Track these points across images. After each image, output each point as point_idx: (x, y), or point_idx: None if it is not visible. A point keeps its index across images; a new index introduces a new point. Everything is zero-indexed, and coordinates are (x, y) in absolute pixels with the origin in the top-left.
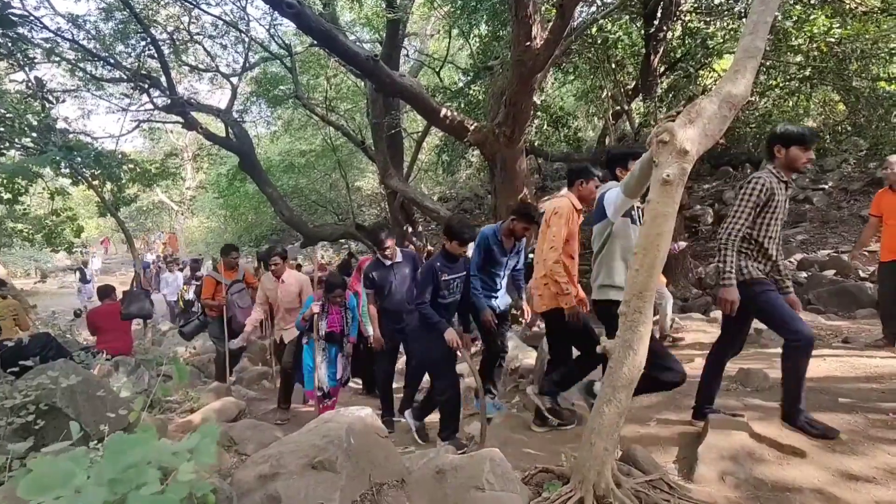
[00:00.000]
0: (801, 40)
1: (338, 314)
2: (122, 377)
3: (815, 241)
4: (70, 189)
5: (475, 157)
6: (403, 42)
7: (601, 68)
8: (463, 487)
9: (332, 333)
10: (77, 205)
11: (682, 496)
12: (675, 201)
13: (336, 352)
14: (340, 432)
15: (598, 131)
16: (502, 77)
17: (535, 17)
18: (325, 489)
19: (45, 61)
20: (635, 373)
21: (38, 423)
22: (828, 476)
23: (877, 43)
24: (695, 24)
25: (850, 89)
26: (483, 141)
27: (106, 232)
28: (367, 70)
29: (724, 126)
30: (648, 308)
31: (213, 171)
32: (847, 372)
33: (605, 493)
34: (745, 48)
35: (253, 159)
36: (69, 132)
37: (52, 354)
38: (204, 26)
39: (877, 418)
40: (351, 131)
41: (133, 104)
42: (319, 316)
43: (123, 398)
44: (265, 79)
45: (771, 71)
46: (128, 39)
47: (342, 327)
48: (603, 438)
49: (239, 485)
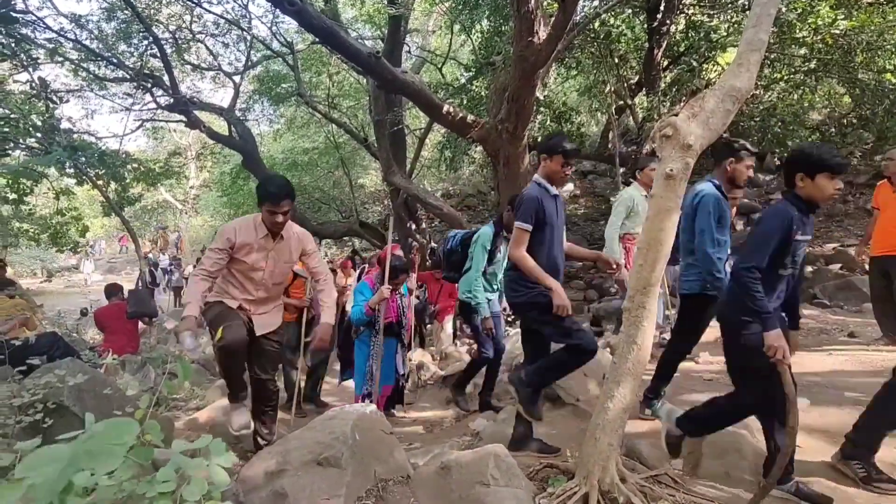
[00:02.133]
0: (805, 32)
1: (394, 302)
2: (128, 375)
3: (820, 235)
4: (75, 189)
5: (478, 153)
6: (405, 38)
7: (604, 63)
8: (468, 483)
9: (391, 325)
10: (82, 204)
11: (687, 491)
12: (678, 196)
13: (396, 345)
14: (346, 429)
15: (602, 126)
16: (505, 73)
17: (538, 13)
18: (331, 485)
19: (49, 62)
20: (639, 368)
21: (46, 422)
22: (832, 470)
23: (883, 35)
24: (698, 18)
25: (855, 82)
26: (486, 137)
27: (111, 231)
28: (369, 67)
29: (727, 120)
30: (652, 303)
31: (216, 169)
32: (853, 366)
33: (610, 488)
34: (748, 41)
35: (256, 157)
36: (73, 132)
37: (59, 353)
38: (206, 25)
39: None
40: (353, 129)
41: (136, 104)
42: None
43: (130, 396)
44: (267, 77)
45: (775, 64)
46: (130, 39)
47: (399, 316)
48: (607, 434)
49: (245, 481)
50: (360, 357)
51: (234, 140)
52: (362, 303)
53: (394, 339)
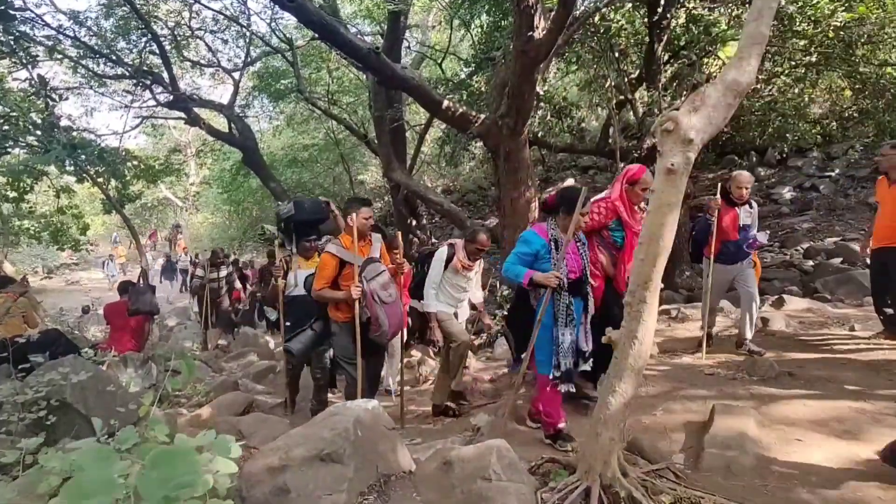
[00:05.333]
0: (805, 25)
1: (575, 252)
2: (131, 372)
3: (821, 229)
4: (75, 186)
5: (478, 148)
6: (405, 34)
7: (604, 58)
8: (470, 478)
9: (577, 282)
10: (82, 202)
11: (689, 485)
12: (679, 191)
13: (581, 308)
14: (348, 424)
15: (602, 121)
16: (505, 68)
17: (538, 7)
18: (334, 481)
19: (48, 59)
20: (641, 363)
21: (49, 419)
22: (833, 462)
23: (884, 27)
24: (698, 12)
25: (856, 75)
26: (486, 133)
27: (112, 229)
28: (369, 63)
29: (728, 114)
30: (654, 298)
31: (216, 166)
32: (853, 359)
33: (612, 483)
34: (749, 34)
35: (256, 154)
36: (73, 130)
37: (61, 351)
38: (205, 21)
39: (883, 405)
40: (353, 125)
41: (136, 101)
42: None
43: (133, 393)
44: (267, 73)
45: (776, 57)
46: (129, 36)
47: (583, 270)
48: (609, 429)
49: (248, 477)
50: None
51: (234, 137)
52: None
53: (581, 299)
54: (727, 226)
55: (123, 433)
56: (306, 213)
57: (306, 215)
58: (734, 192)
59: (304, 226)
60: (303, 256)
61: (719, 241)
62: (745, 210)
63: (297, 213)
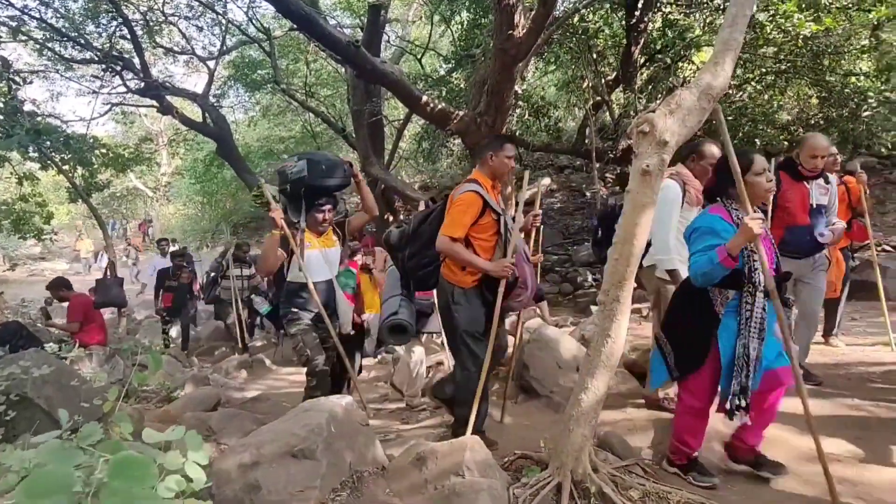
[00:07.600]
0: (775, 33)
1: (767, 240)
2: (95, 366)
3: None
4: (39, 174)
5: (456, 145)
6: (385, 28)
7: (582, 58)
8: (443, 474)
9: (776, 279)
10: (46, 190)
11: (657, 481)
12: (654, 191)
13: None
14: (321, 420)
15: (579, 122)
16: (484, 65)
17: (518, 5)
18: (306, 477)
19: (11, 41)
20: (613, 361)
21: (8, 414)
22: (796, 457)
23: (849, 38)
24: (674, 17)
25: (822, 84)
26: (465, 130)
27: (78, 218)
28: (348, 56)
29: (702, 118)
30: (627, 297)
31: (189, 156)
32: (815, 358)
33: (583, 479)
34: (724, 40)
35: (231, 145)
36: (37, 115)
37: (22, 343)
38: (179, 6)
39: (844, 402)
40: (331, 118)
41: (105, 87)
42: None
43: (98, 388)
44: (243, 63)
45: (747, 64)
46: (98, 19)
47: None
48: (581, 425)
49: (219, 474)
50: (725, 334)
51: (208, 127)
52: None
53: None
54: (794, 206)
55: (86, 429)
56: (323, 174)
57: (322, 179)
58: (806, 162)
59: (317, 191)
60: (313, 231)
61: (780, 227)
62: (818, 185)
63: (311, 176)
